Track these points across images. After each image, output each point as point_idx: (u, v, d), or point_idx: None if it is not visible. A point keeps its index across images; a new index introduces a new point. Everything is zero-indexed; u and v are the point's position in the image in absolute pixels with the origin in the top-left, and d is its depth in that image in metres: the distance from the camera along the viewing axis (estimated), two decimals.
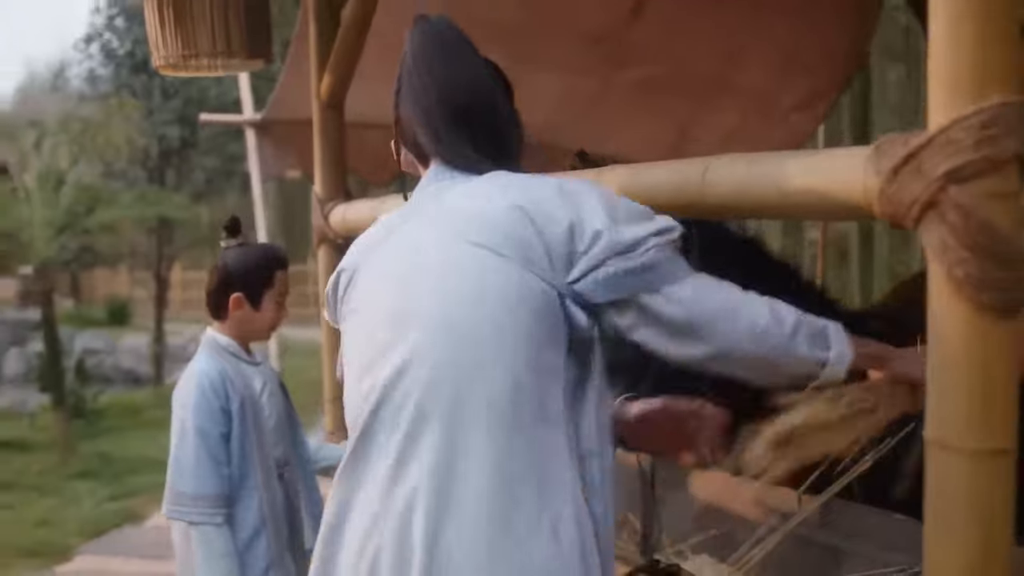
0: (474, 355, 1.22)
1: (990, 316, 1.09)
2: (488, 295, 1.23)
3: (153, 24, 2.62)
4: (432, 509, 1.19)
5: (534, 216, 1.24)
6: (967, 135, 1.07)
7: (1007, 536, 1.13)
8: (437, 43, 1.41)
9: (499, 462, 1.20)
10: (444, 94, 1.37)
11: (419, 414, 1.22)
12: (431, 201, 1.35)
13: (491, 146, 1.38)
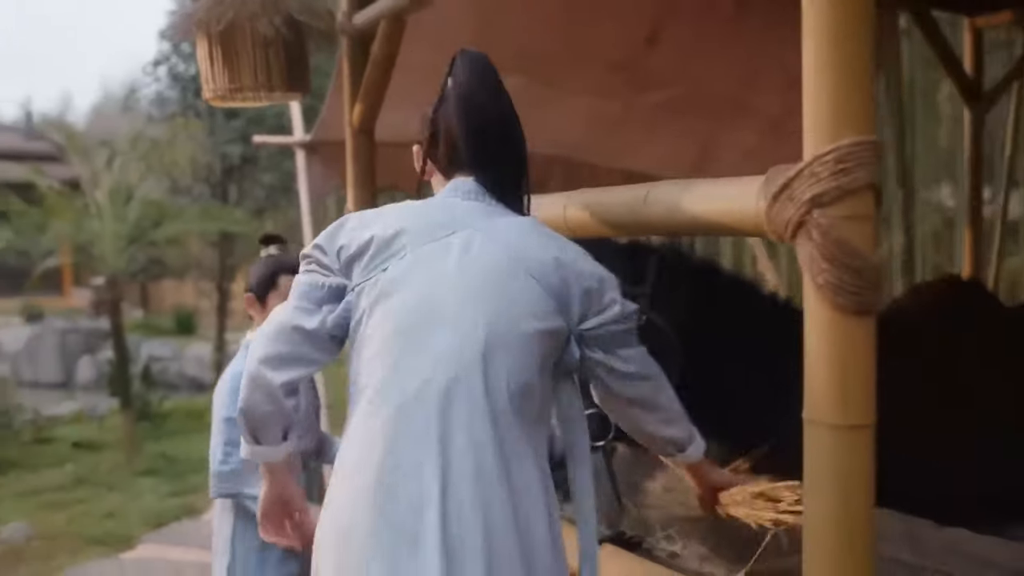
0: (507, 360, 1.49)
1: (846, 316, 1.32)
2: (531, 319, 1.51)
3: (204, 61, 2.94)
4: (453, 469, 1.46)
5: (569, 271, 1.55)
6: (825, 168, 1.32)
7: (868, 497, 1.36)
8: (484, 75, 1.64)
9: (503, 440, 1.48)
10: (483, 117, 1.61)
11: (448, 401, 1.47)
12: (483, 218, 1.58)
13: (514, 171, 1.65)
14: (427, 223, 1.58)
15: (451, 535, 1.42)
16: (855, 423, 1.34)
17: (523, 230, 1.59)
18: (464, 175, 1.62)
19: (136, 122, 12.05)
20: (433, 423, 1.46)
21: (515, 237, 1.56)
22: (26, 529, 5.43)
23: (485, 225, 1.57)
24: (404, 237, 1.56)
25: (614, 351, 1.59)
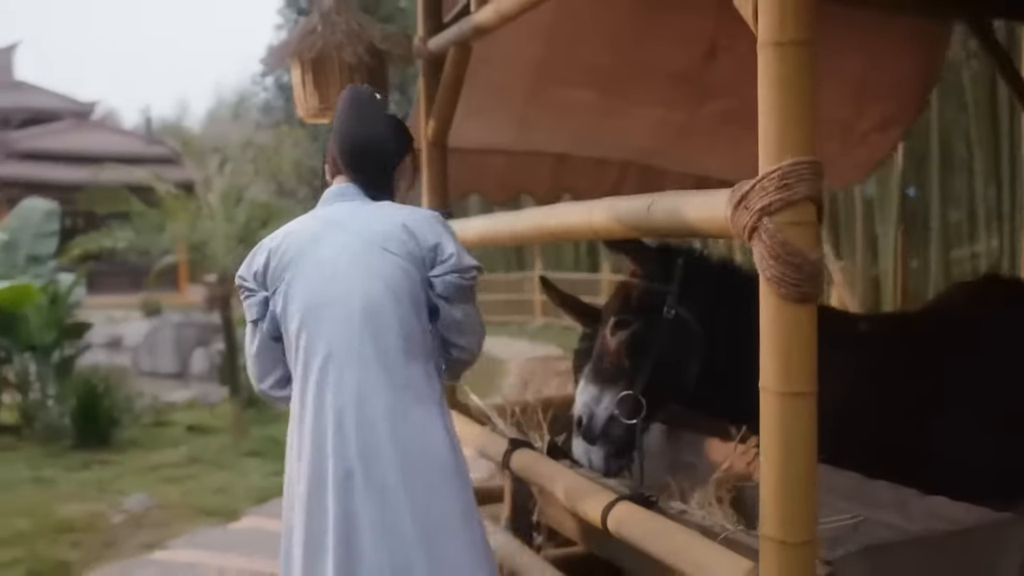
0: (382, 318, 2.03)
1: (789, 303, 1.63)
2: (390, 279, 2.04)
3: (298, 85, 3.35)
4: (358, 412, 2.01)
5: (414, 233, 2.08)
6: (771, 184, 1.62)
7: (810, 455, 1.65)
8: (353, 104, 2.23)
9: (396, 380, 2.02)
10: (350, 140, 2.20)
11: (360, 362, 2.02)
12: (355, 214, 2.14)
13: (375, 172, 2.20)
14: (306, 236, 2.14)
15: (364, 441, 2.00)
16: (798, 391, 1.63)
17: (379, 214, 2.12)
18: (345, 179, 2.21)
19: (246, 128, 12.76)
20: (346, 388, 2.02)
21: (373, 223, 2.09)
22: (146, 500, 6.01)
23: (351, 219, 2.11)
24: (290, 251, 2.12)
25: (451, 298, 2.11)
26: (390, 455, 1.98)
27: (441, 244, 2.09)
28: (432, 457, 2.03)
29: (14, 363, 8.49)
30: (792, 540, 1.64)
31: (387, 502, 1.97)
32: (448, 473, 2.04)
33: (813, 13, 1.66)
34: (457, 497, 2.05)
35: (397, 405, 2.01)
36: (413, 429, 2.02)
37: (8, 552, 4.94)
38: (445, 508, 2.02)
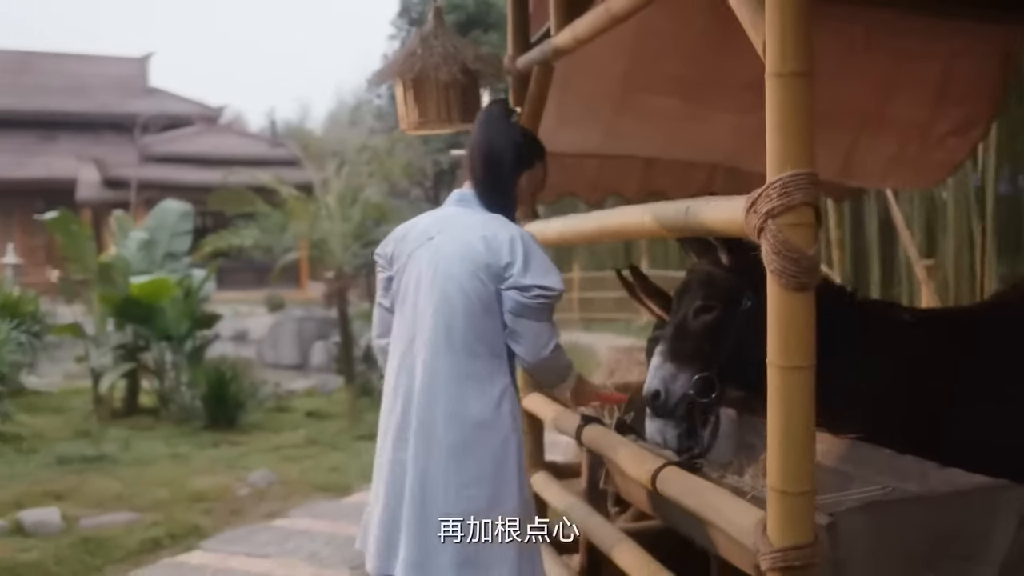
0: (454, 317, 2.40)
1: (788, 292, 1.94)
2: (466, 285, 2.40)
3: (400, 101, 3.77)
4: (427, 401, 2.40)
5: (491, 247, 2.42)
6: (774, 191, 1.94)
7: (808, 418, 1.96)
8: (483, 119, 2.62)
9: (460, 371, 2.40)
10: (472, 151, 2.58)
11: (432, 351, 2.41)
12: (458, 219, 2.52)
13: (492, 182, 2.55)
14: (421, 231, 2.53)
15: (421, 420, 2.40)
16: (796, 364, 1.94)
17: (472, 224, 2.48)
18: (466, 186, 2.59)
19: (361, 132, 13.42)
20: (417, 367, 2.43)
21: (465, 233, 2.46)
22: (269, 476, 6.59)
23: (451, 225, 2.50)
24: (407, 243, 2.53)
25: (515, 313, 2.41)
26: (442, 421, 2.39)
27: (512, 263, 2.40)
28: (485, 450, 2.40)
29: (152, 351, 9.27)
30: (792, 490, 1.95)
31: (439, 444, 2.39)
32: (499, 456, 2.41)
33: (811, 49, 1.95)
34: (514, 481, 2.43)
35: (458, 393, 2.39)
36: (468, 415, 2.40)
37: (150, 516, 5.55)
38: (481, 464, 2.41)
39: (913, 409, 2.84)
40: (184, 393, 8.96)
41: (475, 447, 2.38)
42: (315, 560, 4.76)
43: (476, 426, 2.38)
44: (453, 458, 2.37)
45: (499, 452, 2.39)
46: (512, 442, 2.42)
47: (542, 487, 3.81)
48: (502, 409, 2.41)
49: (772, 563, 1.96)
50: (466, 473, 2.37)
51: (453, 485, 2.37)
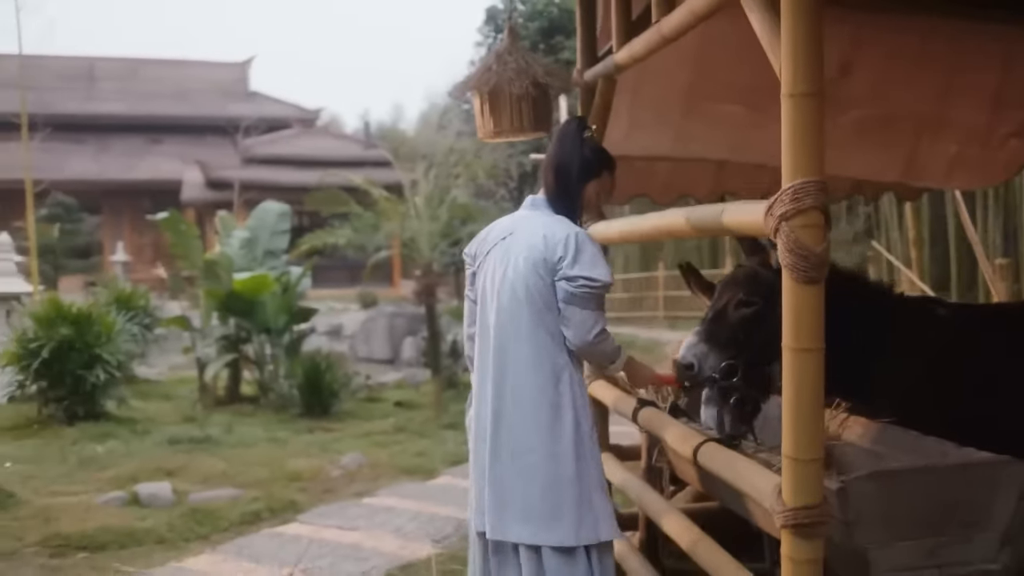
0: (521, 305, 2.75)
1: (799, 284, 2.23)
2: (528, 279, 2.76)
3: (477, 112, 4.13)
4: (499, 378, 2.77)
5: (549, 244, 2.78)
6: (788, 197, 2.23)
7: (817, 394, 2.24)
8: (558, 133, 3.03)
9: (528, 350, 2.75)
10: (549, 161, 2.97)
11: (500, 335, 2.79)
12: (527, 221, 2.90)
13: (561, 189, 2.94)
14: (498, 232, 2.91)
15: (499, 391, 2.79)
16: (806, 347, 2.23)
17: (538, 225, 2.85)
18: (540, 192, 3.00)
19: (449, 135, 13.89)
20: (491, 349, 2.81)
21: (530, 234, 2.82)
22: (360, 459, 7.04)
23: (521, 227, 2.87)
24: (487, 242, 2.91)
25: (565, 301, 2.76)
26: (511, 396, 2.78)
27: (563, 257, 2.76)
28: (540, 405, 2.77)
29: (253, 343, 9.87)
30: (803, 457, 2.23)
31: (514, 435, 2.77)
32: (553, 414, 2.78)
33: (820, 72, 2.24)
34: (565, 433, 2.77)
35: (524, 371, 2.77)
36: (540, 396, 2.77)
37: (251, 492, 6.05)
38: (543, 432, 2.77)
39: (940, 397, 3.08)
40: (282, 383, 9.53)
41: (535, 417, 2.75)
42: (400, 534, 5.16)
43: (536, 400, 2.76)
44: (518, 427, 2.74)
45: (554, 421, 2.75)
46: (568, 413, 2.77)
47: (609, 470, 4.13)
48: (560, 385, 2.77)
49: (785, 520, 2.25)
50: (527, 440, 2.73)
51: (519, 451, 2.73)
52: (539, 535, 2.73)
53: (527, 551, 2.76)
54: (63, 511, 5.48)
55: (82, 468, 6.72)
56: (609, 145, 4.52)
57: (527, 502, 2.74)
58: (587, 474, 2.83)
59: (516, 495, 2.74)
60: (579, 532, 2.78)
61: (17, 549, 4.90)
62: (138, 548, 4.99)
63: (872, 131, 5.16)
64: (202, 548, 4.99)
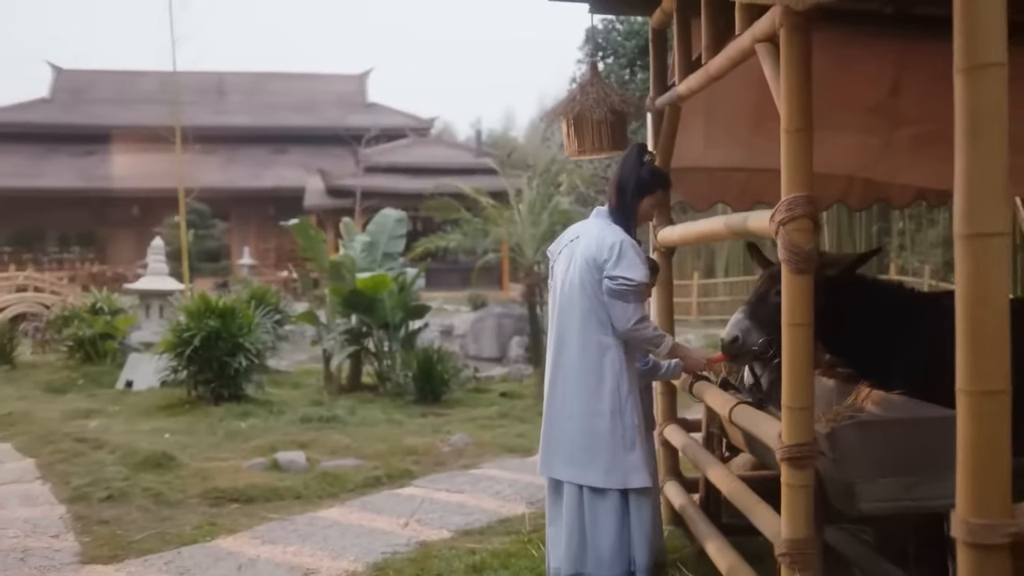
0: (576, 295, 3.51)
1: (793, 274, 2.92)
2: (584, 274, 3.49)
3: (564, 134, 4.90)
4: (556, 353, 3.53)
5: (599, 247, 3.49)
6: (784, 207, 2.93)
7: (807, 360, 2.93)
8: (623, 157, 3.73)
9: (579, 330, 3.46)
10: (612, 179, 3.68)
11: (561, 320, 3.55)
12: (590, 227, 3.64)
13: (621, 202, 3.61)
14: (568, 237, 3.65)
15: (558, 360, 3.53)
16: (798, 322, 2.93)
17: (596, 231, 3.57)
18: (606, 204, 3.66)
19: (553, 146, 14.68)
20: (553, 330, 3.57)
21: (589, 238, 3.53)
22: (466, 438, 7.89)
23: (587, 231, 3.58)
24: (560, 244, 3.66)
25: (609, 296, 3.47)
26: (567, 367, 3.57)
27: (608, 259, 3.52)
28: (589, 375, 3.54)
29: (373, 337, 10.87)
30: (796, 406, 2.92)
31: (566, 394, 3.55)
32: (598, 382, 3.54)
33: (810, 110, 2.93)
34: (606, 397, 3.54)
35: (577, 346, 3.55)
36: (587, 366, 3.53)
37: (372, 463, 6.94)
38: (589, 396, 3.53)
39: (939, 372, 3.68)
40: (398, 373, 10.49)
41: (584, 388, 3.53)
42: (499, 496, 5.96)
43: (583, 369, 3.54)
44: (573, 391, 3.53)
45: (599, 386, 3.52)
46: (609, 382, 3.54)
47: (672, 435, 4.84)
48: (604, 359, 3.54)
49: (783, 455, 2.94)
50: (574, 400, 3.53)
51: (567, 408, 3.52)
52: (577, 475, 3.53)
53: (570, 487, 3.55)
54: (216, 472, 6.49)
55: (228, 440, 7.77)
56: (687, 159, 5.27)
57: (570, 449, 3.53)
58: (621, 431, 3.56)
59: (563, 443, 3.53)
60: (608, 477, 3.55)
61: (182, 499, 5.89)
62: (280, 502, 5.91)
63: (926, 144, 5.68)
64: (332, 503, 5.88)
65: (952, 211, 2.24)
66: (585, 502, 3.55)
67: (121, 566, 4.57)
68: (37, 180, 34.28)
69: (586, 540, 3.54)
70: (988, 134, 2.05)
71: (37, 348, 14.40)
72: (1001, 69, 2.03)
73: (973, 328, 2.03)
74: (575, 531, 3.55)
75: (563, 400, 3.57)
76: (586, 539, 3.54)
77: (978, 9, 2.03)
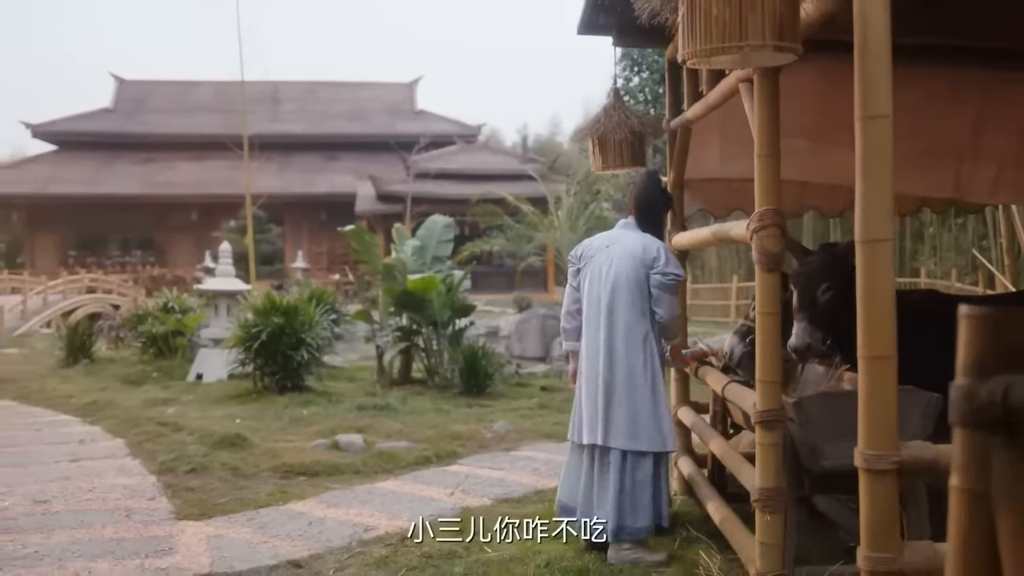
0: (621, 290, 4.24)
1: (764, 272, 3.61)
2: (629, 272, 4.22)
3: (590, 151, 5.62)
4: (608, 338, 4.23)
5: (645, 250, 4.26)
6: (756, 218, 3.62)
7: (775, 342, 3.62)
8: (642, 178, 4.55)
9: (624, 320, 4.18)
10: (635, 198, 4.50)
11: (609, 309, 4.25)
12: (624, 236, 4.37)
13: (645, 216, 4.35)
14: (600, 243, 4.35)
15: (608, 343, 4.21)
16: (768, 311, 3.61)
17: (633, 239, 4.27)
18: (631, 215, 4.34)
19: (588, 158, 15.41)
20: (602, 318, 4.23)
21: (629, 244, 4.21)
22: (507, 426, 8.62)
23: (621, 239, 4.25)
24: (591, 249, 4.35)
25: (656, 288, 4.17)
26: (617, 349, 4.27)
27: (656, 257, 4.27)
28: (633, 355, 4.26)
29: (422, 334, 11.66)
30: (766, 379, 3.62)
31: (616, 373, 4.26)
32: (639, 362, 4.27)
33: (777, 138, 3.62)
34: (643, 374, 4.24)
35: (622, 332, 4.26)
36: (632, 349, 4.26)
37: (422, 445, 7.70)
38: (632, 373, 4.23)
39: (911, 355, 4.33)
40: (446, 367, 11.27)
41: (629, 367, 4.25)
42: (535, 473, 6.68)
43: (631, 353, 4.25)
44: (621, 371, 4.24)
45: (640, 365, 4.26)
46: (649, 364, 4.28)
47: (684, 415, 5.53)
48: (645, 344, 4.27)
49: (756, 419, 3.63)
50: (626, 380, 4.24)
51: (620, 387, 4.24)
52: (628, 443, 4.24)
53: (618, 453, 4.26)
54: (284, 451, 7.29)
55: (293, 424, 8.60)
56: (706, 171, 5.95)
57: (618, 420, 4.25)
58: (658, 404, 4.30)
59: (618, 416, 4.25)
60: (651, 442, 4.27)
61: (256, 472, 6.70)
62: (341, 476, 6.69)
63: (921, 157, 6.27)
64: (387, 477, 6.64)
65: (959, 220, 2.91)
66: (630, 466, 4.28)
67: (210, 522, 5.37)
68: (100, 187, 35.77)
69: (628, 499, 4.27)
70: (878, 166, 2.74)
71: (111, 344, 15.45)
72: (887, 119, 2.70)
73: (867, 310, 2.71)
74: (620, 490, 4.29)
75: (616, 381, 4.29)
76: (628, 496, 4.27)
77: (868, 73, 2.70)
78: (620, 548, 4.31)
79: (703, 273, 21.34)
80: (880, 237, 2.70)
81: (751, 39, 2.68)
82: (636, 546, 4.31)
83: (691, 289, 22.60)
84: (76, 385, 11.66)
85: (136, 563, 4.58)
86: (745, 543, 3.92)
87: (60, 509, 5.65)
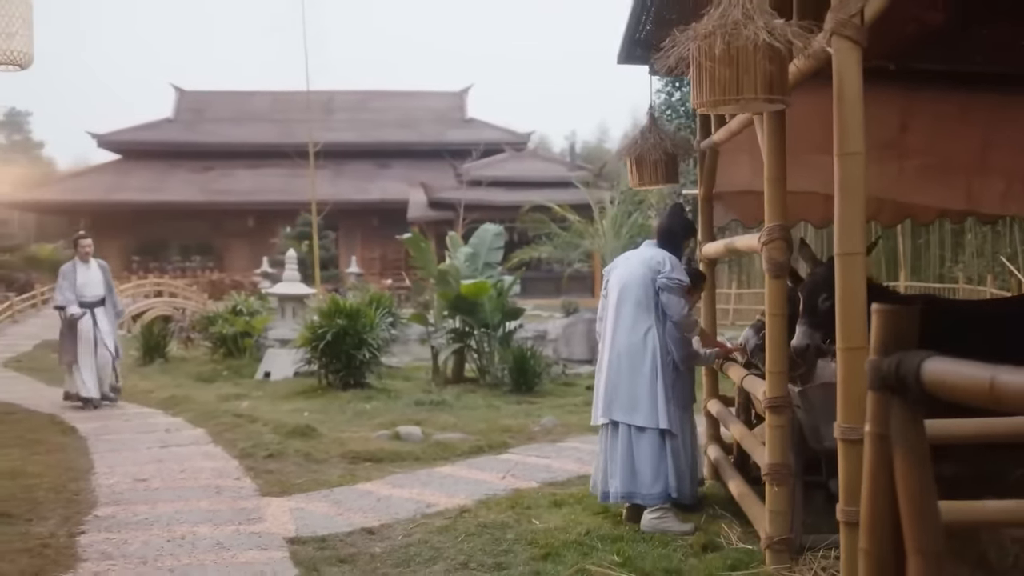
0: (632, 293, 4.96)
1: (772, 279, 4.23)
2: (640, 277, 4.96)
3: (628, 169, 6.26)
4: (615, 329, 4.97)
5: (654, 258, 5.00)
6: (765, 232, 4.26)
7: (782, 339, 4.23)
8: (668, 210, 5.22)
9: (631, 319, 4.89)
10: (660, 227, 5.21)
11: (618, 305, 5.01)
12: (642, 251, 5.07)
13: (666, 241, 5.07)
14: (624, 256, 5.10)
15: (616, 339, 4.93)
16: (775, 313, 4.24)
17: (650, 252, 5.02)
18: (656, 239, 5.06)
19: None
20: (613, 313, 4.99)
21: (645, 255, 4.96)
22: (554, 420, 9.26)
23: (640, 253, 5.03)
24: (617, 262, 5.12)
25: (662, 291, 4.85)
26: (621, 339, 4.95)
27: (662, 263, 4.95)
28: (636, 345, 4.93)
29: (474, 335, 12.37)
30: (775, 371, 4.24)
31: (620, 359, 4.92)
32: (642, 350, 4.93)
33: (783, 165, 4.24)
34: (645, 361, 4.91)
35: (627, 328, 4.95)
36: (634, 339, 4.93)
37: (475, 436, 8.37)
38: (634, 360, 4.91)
39: None
40: (496, 367, 11.96)
41: (631, 354, 4.92)
42: (580, 461, 7.32)
43: (632, 344, 4.92)
44: (624, 357, 4.91)
45: (642, 353, 4.91)
46: (650, 352, 4.93)
47: (712, 407, 6.15)
48: (647, 336, 4.93)
49: (765, 404, 4.26)
50: (627, 364, 4.91)
51: (623, 370, 4.91)
52: (627, 417, 4.90)
53: (623, 426, 4.93)
54: (350, 440, 8.03)
55: (356, 417, 9.35)
56: (738, 184, 6.56)
57: (622, 399, 4.92)
58: (657, 387, 4.94)
59: (620, 395, 4.92)
60: (648, 419, 4.92)
61: (326, 458, 7.43)
62: (403, 462, 7.40)
63: (933, 173, 6.83)
64: (444, 463, 7.33)
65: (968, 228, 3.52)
66: (632, 438, 4.92)
67: (291, 498, 6.10)
68: (161, 194, 37.09)
69: (633, 467, 4.92)
70: (852, 193, 3.33)
71: (182, 345, 16.40)
72: (859, 156, 3.31)
73: (844, 309, 3.32)
74: (626, 460, 4.93)
75: (620, 366, 4.95)
76: (633, 466, 4.92)
77: (844, 117, 3.32)
78: (652, 518, 4.95)
79: (748, 279, 21.76)
80: (853, 251, 3.31)
81: (746, 94, 3.30)
82: (665, 516, 4.95)
83: (735, 294, 23.14)
84: (154, 382, 12.55)
85: (232, 528, 5.32)
86: (758, 514, 4.54)
87: (159, 486, 6.43)
